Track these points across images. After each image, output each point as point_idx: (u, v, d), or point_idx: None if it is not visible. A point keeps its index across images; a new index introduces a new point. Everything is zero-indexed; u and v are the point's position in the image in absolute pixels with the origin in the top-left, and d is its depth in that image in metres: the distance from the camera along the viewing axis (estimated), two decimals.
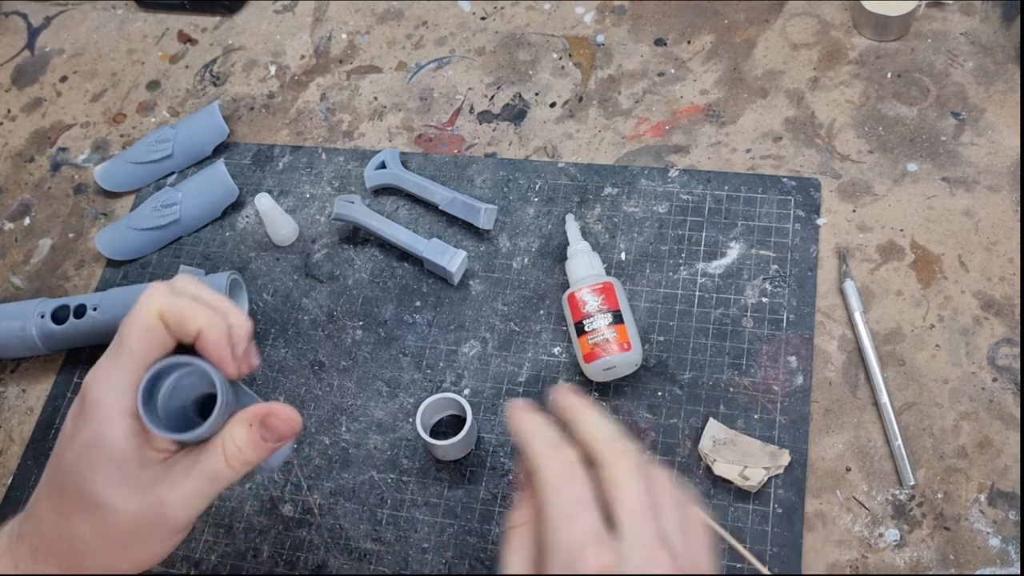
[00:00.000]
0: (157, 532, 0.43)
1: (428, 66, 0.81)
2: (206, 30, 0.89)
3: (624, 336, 0.59)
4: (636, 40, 0.78)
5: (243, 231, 0.74)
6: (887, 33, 0.73)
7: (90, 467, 0.42)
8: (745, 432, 0.58)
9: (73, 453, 0.42)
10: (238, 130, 0.81)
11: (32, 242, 0.79)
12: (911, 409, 0.58)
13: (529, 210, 0.70)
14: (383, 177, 0.73)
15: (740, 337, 0.62)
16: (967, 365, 0.59)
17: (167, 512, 0.42)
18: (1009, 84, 0.69)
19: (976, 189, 0.65)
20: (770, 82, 0.73)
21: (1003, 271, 0.62)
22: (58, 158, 0.84)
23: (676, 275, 0.65)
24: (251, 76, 0.84)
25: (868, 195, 0.66)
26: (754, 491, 0.56)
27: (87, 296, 0.69)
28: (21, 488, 0.66)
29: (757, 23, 0.77)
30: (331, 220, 0.72)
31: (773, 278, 0.64)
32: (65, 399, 0.69)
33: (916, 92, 0.70)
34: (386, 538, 0.60)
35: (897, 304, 0.62)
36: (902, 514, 0.55)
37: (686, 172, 0.70)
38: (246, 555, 0.61)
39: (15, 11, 0.96)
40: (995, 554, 0.53)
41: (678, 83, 0.75)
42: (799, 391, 0.59)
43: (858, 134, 0.69)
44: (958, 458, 0.56)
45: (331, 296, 0.70)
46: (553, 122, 0.75)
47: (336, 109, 0.80)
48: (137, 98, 0.86)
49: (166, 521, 0.43)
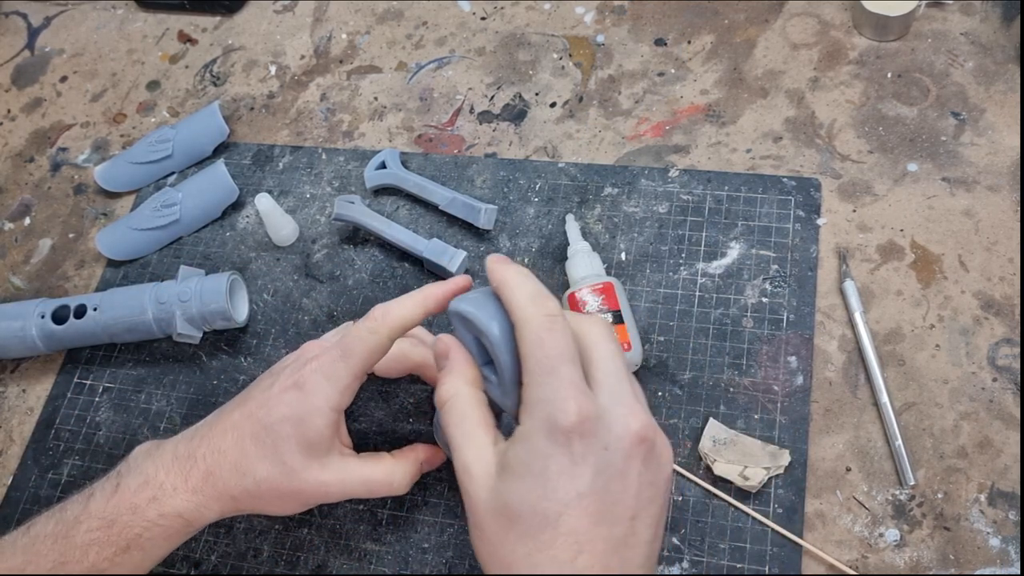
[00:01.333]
0: (308, 500, 0.53)
1: (428, 66, 0.81)
2: (206, 30, 0.89)
3: (624, 336, 0.59)
4: (636, 40, 0.78)
5: (243, 231, 0.75)
6: (887, 33, 0.73)
7: (290, 436, 0.50)
8: (745, 432, 0.58)
9: (279, 416, 0.51)
10: (238, 130, 0.81)
11: (32, 242, 0.79)
12: (911, 409, 0.58)
13: (529, 210, 0.70)
14: (383, 177, 0.73)
15: (740, 337, 0.62)
16: (967, 365, 0.59)
17: (327, 491, 0.52)
18: (1009, 84, 0.69)
19: (976, 189, 0.65)
20: (770, 82, 0.73)
21: (1003, 271, 0.62)
22: (58, 158, 0.84)
23: (676, 275, 0.65)
24: (251, 76, 0.84)
25: (868, 195, 0.66)
26: (754, 491, 0.56)
27: (87, 296, 0.69)
28: (21, 488, 0.66)
29: (757, 23, 0.77)
30: (331, 220, 0.72)
31: (773, 278, 0.64)
32: (65, 399, 0.69)
33: (916, 92, 0.70)
34: (386, 538, 0.60)
35: (897, 304, 0.62)
36: (902, 514, 0.55)
37: (686, 172, 0.70)
38: (246, 555, 0.61)
39: (15, 11, 0.96)
40: (995, 554, 0.53)
41: (678, 83, 0.75)
42: (799, 391, 0.60)
43: (858, 134, 0.69)
44: (958, 458, 0.56)
45: (331, 296, 0.70)
46: (553, 122, 0.75)
47: (336, 109, 0.80)
48: (137, 98, 0.86)
49: (321, 497, 0.52)
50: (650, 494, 0.41)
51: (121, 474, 0.53)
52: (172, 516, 0.51)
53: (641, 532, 0.41)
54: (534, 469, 0.40)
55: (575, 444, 0.40)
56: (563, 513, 0.39)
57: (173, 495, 0.51)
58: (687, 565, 0.55)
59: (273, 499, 0.52)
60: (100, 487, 0.52)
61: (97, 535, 0.50)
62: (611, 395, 0.42)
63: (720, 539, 0.56)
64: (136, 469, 0.52)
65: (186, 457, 0.52)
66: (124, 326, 0.67)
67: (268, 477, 0.51)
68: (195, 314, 0.66)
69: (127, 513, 0.51)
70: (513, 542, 0.40)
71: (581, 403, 0.40)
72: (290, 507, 0.53)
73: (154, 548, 0.51)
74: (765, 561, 0.55)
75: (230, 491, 0.51)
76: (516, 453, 0.41)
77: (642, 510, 0.41)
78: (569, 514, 0.39)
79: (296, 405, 0.51)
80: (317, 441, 0.51)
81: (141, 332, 0.67)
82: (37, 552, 0.51)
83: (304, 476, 0.51)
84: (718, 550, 0.56)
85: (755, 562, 0.55)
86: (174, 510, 0.51)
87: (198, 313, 0.66)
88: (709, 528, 0.56)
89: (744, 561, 0.55)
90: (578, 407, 0.40)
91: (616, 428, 0.41)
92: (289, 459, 0.51)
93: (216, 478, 0.51)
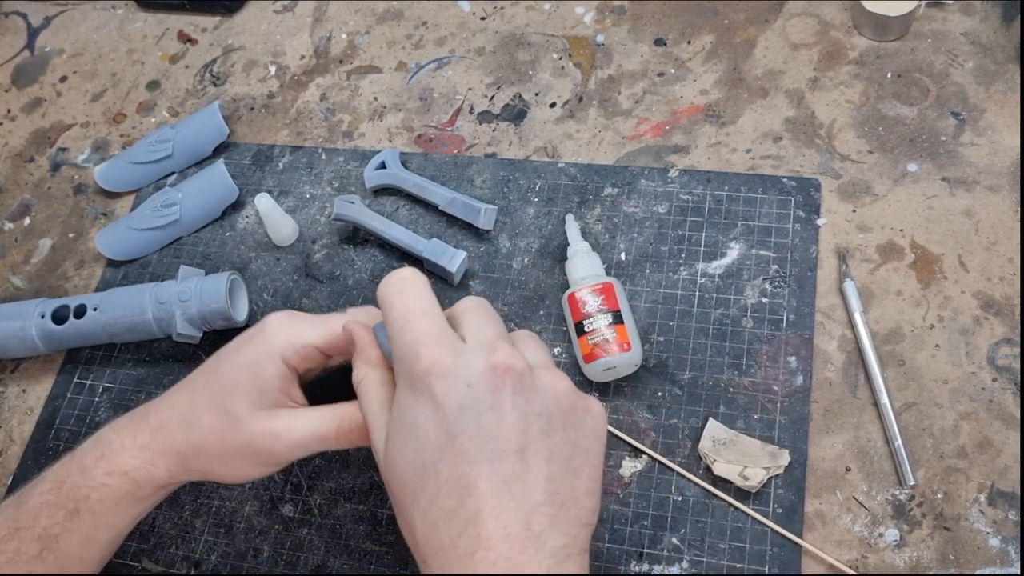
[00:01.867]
0: (259, 457, 0.50)
1: (428, 66, 0.81)
2: (206, 30, 0.89)
3: (624, 336, 0.59)
4: (636, 40, 0.78)
5: (243, 231, 0.75)
6: (887, 33, 0.73)
7: (238, 382, 0.49)
8: (745, 432, 0.58)
9: (229, 365, 0.50)
10: (238, 130, 0.81)
11: (32, 242, 0.79)
12: (911, 409, 0.58)
13: (529, 210, 0.70)
14: (383, 177, 0.73)
15: (740, 337, 0.62)
16: (967, 365, 0.59)
17: (276, 447, 0.49)
18: (1009, 84, 0.69)
19: (976, 189, 0.65)
20: (770, 82, 0.73)
21: (1003, 271, 0.62)
22: (58, 158, 0.84)
23: (676, 275, 0.65)
24: (251, 76, 0.84)
25: (868, 195, 0.66)
26: (754, 491, 0.56)
27: (87, 296, 0.69)
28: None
29: (757, 23, 0.77)
30: (331, 220, 0.72)
31: (773, 278, 0.64)
32: (65, 399, 0.69)
33: (916, 92, 0.70)
34: (386, 538, 0.60)
35: (897, 304, 0.62)
36: (902, 514, 0.55)
37: (686, 172, 0.70)
38: (246, 555, 0.61)
39: (15, 11, 0.96)
40: (995, 554, 0.53)
41: (678, 83, 0.75)
42: (799, 391, 0.60)
43: (858, 134, 0.69)
44: (958, 458, 0.56)
45: (331, 296, 0.70)
46: (553, 122, 0.75)
47: (336, 109, 0.80)
48: (137, 98, 0.86)
49: (270, 453, 0.49)
50: (541, 426, 0.39)
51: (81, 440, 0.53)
52: (118, 474, 0.50)
53: (536, 466, 0.38)
54: (405, 425, 0.40)
55: (435, 387, 0.39)
56: (439, 460, 0.38)
57: (120, 452, 0.50)
58: (687, 565, 0.55)
59: (220, 455, 0.50)
60: (65, 454, 0.52)
61: (48, 497, 0.50)
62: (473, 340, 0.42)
63: (720, 539, 0.56)
64: (95, 433, 0.52)
65: (140, 416, 0.52)
66: (124, 326, 0.67)
67: (213, 428, 0.49)
68: (195, 314, 0.66)
69: (76, 473, 0.50)
70: (410, 504, 0.39)
71: (431, 349, 0.40)
72: (240, 467, 0.51)
73: (104, 513, 0.50)
74: (765, 561, 0.55)
75: (177, 445, 0.50)
76: (392, 420, 0.41)
77: (532, 443, 0.39)
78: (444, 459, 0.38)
79: (251, 351, 0.50)
80: (266, 390, 0.49)
81: (141, 332, 0.67)
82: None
83: (251, 427, 0.49)
84: (718, 550, 0.56)
85: (755, 562, 0.55)
86: (120, 467, 0.50)
87: (198, 313, 0.66)
88: (709, 528, 0.56)
89: (744, 561, 0.55)
90: (427, 352, 0.40)
91: (476, 364, 0.40)
92: (236, 407, 0.49)
93: (165, 433, 0.50)
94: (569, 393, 0.42)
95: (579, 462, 0.40)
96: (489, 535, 0.36)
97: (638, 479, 0.58)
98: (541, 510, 0.38)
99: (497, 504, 0.37)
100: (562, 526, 0.38)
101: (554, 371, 0.42)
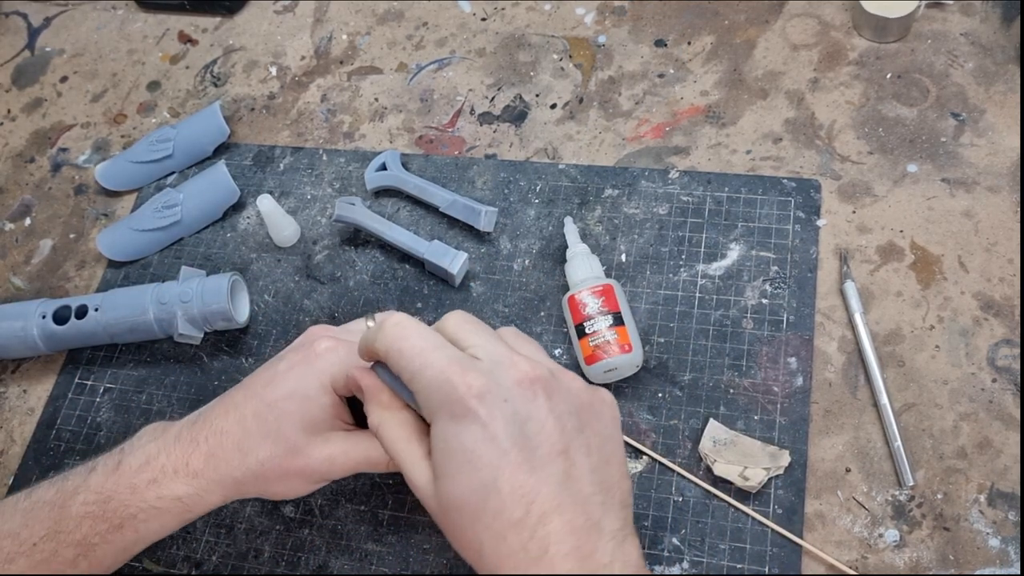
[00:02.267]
0: (314, 477, 0.52)
1: (428, 67, 0.81)
2: (206, 31, 0.89)
3: (625, 338, 0.59)
4: (636, 41, 0.78)
5: (244, 232, 0.75)
6: (887, 34, 0.73)
7: (291, 412, 0.51)
8: (745, 433, 0.59)
9: (283, 394, 0.51)
10: (239, 131, 0.81)
11: (33, 242, 0.79)
12: (911, 410, 0.58)
13: (530, 212, 0.70)
14: (384, 179, 0.73)
15: (740, 338, 0.62)
16: (967, 366, 0.59)
17: (331, 470, 0.51)
18: (1009, 84, 0.69)
19: (976, 190, 0.65)
20: (770, 83, 0.73)
21: (1003, 272, 0.62)
22: (58, 158, 0.84)
23: (676, 277, 0.65)
24: (251, 77, 0.84)
25: (868, 196, 0.67)
26: (754, 491, 0.56)
27: (88, 297, 0.69)
28: (22, 488, 0.66)
29: (757, 24, 0.77)
30: (332, 222, 0.72)
31: (773, 279, 0.64)
32: (66, 399, 0.69)
33: (916, 93, 0.71)
34: (387, 539, 0.60)
35: (897, 305, 0.62)
36: (902, 515, 0.55)
37: (686, 174, 0.70)
38: (247, 555, 0.61)
39: (15, 11, 0.96)
40: (995, 554, 0.54)
41: (678, 84, 0.75)
42: (799, 392, 0.60)
43: (858, 135, 0.69)
44: (958, 459, 0.56)
45: (332, 297, 0.70)
46: (553, 123, 0.75)
47: (337, 110, 0.80)
48: (137, 99, 0.86)
49: (325, 474, 0.52)
50: (574, 424, 0.42)
51: (124, 452, 0.53)
52: (170, 499, 0.51)
53: (580, 461, 0.41)
54: (454, 453, 0.41)
55: (478, 410, 0.41)
56: (497, 477, 0.40)
57: (173, 478, 0.51)
58: (687, 565, 0.55)
59: (278, 479, 0.51)
60: (103, 462, 0.52)
61: (92, 508, 0.50)
62: (488, 358, 0.43)
63: (720, 539, 0.56)
64: (140, 449, 0.52)
65: (188, 440, 0.52)
66: (125, 326, 0.67)
67: (271, 456, 0.50)
68: (196, 315, 0.66)
69: (125, 492, 0.51)
70: (471, 525, 0.41)
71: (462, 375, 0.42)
72: (296, 486, 0.52)
73: (148, 530, 0.51)
74: (765, 561, 0.55)
75: (232, 473, 0.51)
76: (437, 452, 0.43)
77: (571, 441, 0.41)
78: (502, 475, 0.40)
79: (303, 380, 0.51)
80: (320, 418, 0.51)
81: (142, 332, 0.68)
82: (35, 517, 0.51)
83: (308, 452, 0.51)
84: (718, 550, 0.56)
85: (755, 562, 0.55)
86: (173, 493, 0.51)
87: (199, 314, 0.66)
88: (709, 528, 0.56)
89: (744, 561, 0.55)
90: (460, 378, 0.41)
91: (505, 380, 0.42)
92: (292, 436, 0.50)
93: (218, 460, 0.51)
94: (586, 389, 0.44)
95: (608, 450, 0.43)
96: (557, 531, 0.39)
97: (639, 480, 0.59)
98: (593, 500, 0.41)
99: (559, 503, 0.40)
100: (613, 511, 0.41)
101: (563, 370, 0.45)
